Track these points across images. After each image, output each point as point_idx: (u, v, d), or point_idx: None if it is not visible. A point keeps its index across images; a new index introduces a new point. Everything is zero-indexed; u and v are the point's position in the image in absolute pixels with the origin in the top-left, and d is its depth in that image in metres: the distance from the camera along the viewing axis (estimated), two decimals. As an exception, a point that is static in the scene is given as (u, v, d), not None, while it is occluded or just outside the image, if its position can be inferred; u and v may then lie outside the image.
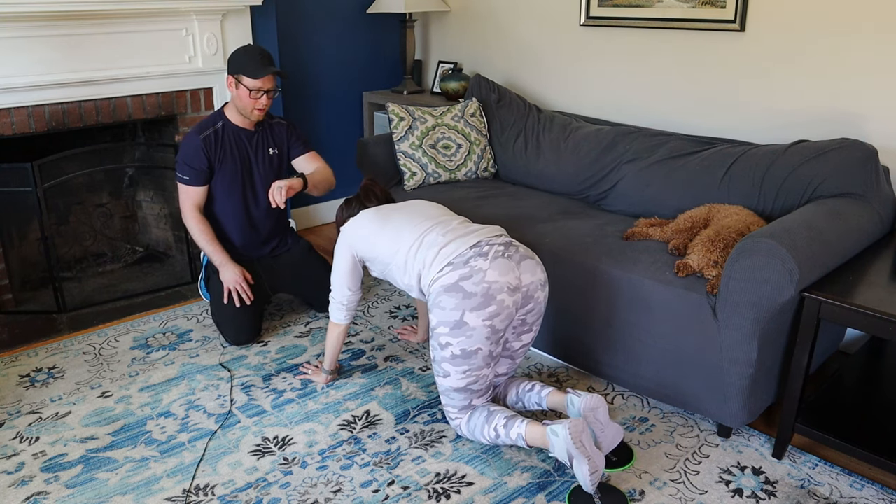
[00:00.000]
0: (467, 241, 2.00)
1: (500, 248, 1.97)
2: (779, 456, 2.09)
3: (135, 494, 1.94)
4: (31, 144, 2.98)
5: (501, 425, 1.97)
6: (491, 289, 1.89)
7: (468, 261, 1.94)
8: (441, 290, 1.94)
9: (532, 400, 2.12)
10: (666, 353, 2.17)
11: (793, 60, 2.63)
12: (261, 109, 2.62)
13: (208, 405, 2.35)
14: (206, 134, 2.64)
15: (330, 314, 2.34)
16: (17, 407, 2.33)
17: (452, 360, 1.96)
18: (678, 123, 3.05)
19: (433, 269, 1.98)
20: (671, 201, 2.65)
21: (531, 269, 1.99)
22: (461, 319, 1.90)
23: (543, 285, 2.02)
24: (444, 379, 2.02)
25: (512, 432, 1.95)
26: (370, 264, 2.24)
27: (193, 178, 2.65)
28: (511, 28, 3.65)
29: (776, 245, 1.87)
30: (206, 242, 2.68)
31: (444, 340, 1.95)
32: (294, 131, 2.83)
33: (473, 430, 2.05)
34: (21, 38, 2.63)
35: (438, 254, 2.00)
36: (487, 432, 2.01)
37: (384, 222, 2.17)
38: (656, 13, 3.00)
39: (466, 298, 1.89)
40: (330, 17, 3.85)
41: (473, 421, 2.04)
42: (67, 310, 2.98)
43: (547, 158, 3.10)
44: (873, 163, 2.28)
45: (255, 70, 2.53)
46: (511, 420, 1.97)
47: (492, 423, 1.99)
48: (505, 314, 1.92)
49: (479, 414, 2.03)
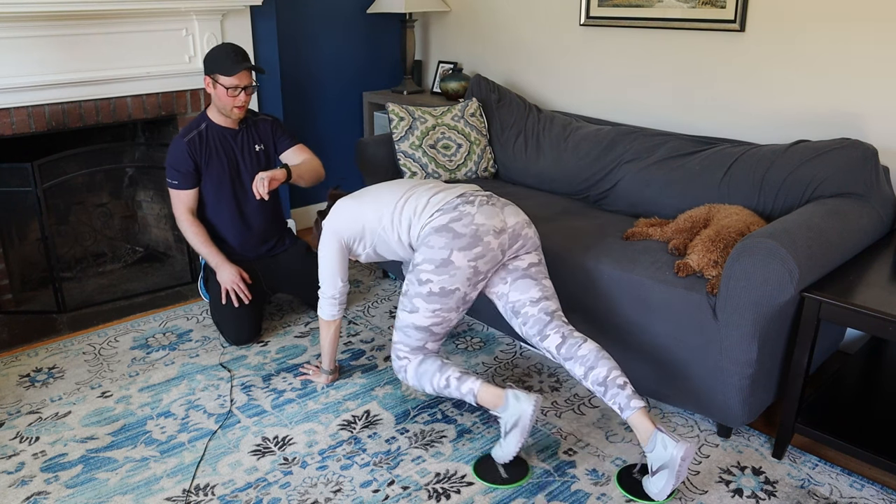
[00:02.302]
0: (454, 191, 2.12)
1: (484, 197, 2.10)
2: (779, 456, 2.09)
3: (135, 494, 1.94)
4: (31, 144, 2.98)
5: (455, 377, 2.01)
6: (479, 230, 1.99)
7: (456, 206, 2.05)
8: (431, 230, 2.03)
9: (618, 400, 1.91)
10: (666, 353, 2.17)
11: (793, 60, 2.63)
12: (240, 107, 2.62)
13: (208, 405, 2.35)
14: (191, 137, 2.65)
15: (320, 312, 2.34)
16: (17, 407, 2.33)
17: (428, 296, 2.01)
18: (678, 123, 3.05)
19: (424, 215, 2.08)
20: (671, 201, 2.65)
21: (514, 213, 2.11)
22: (448, 258, 1.98)
23: (529, 223, 2.14)
24: (409, 314, 2.05)
25: (464, 386, 1.99)
26: (358, 245, 2.26)
27: (182, 181, 2.66)
28: (511, 28, 3.65)
29: (776, 245, 1.87)
30: (201, 244, 2.69)
31: (426, 277, 2.01)
32: (278, 126, 2.83)
33: (421, 376, 2.06)
34: (21, 38, 2.64)
35: (428, 202, 2.10)
36: (437, 381, 2.03)
37: (362, 197, 2.26)
38: (656, 13, 3.00)
39: (456, 238, 1.99)
40: (330, 17, 3.85)
41: (425, 367, 2.06)
42: (67, 310, 2.98)
43: (547, 158, 3.10)
44: (873, 163, 2.28)
45: (229, 67, 2.53)
46: (465, 375, 2.01)
47: (445, 373, 2.03)
48: (489, 256, 2.01)
49: (433, 362, 2.06)
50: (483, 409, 2.10)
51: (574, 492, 1.96)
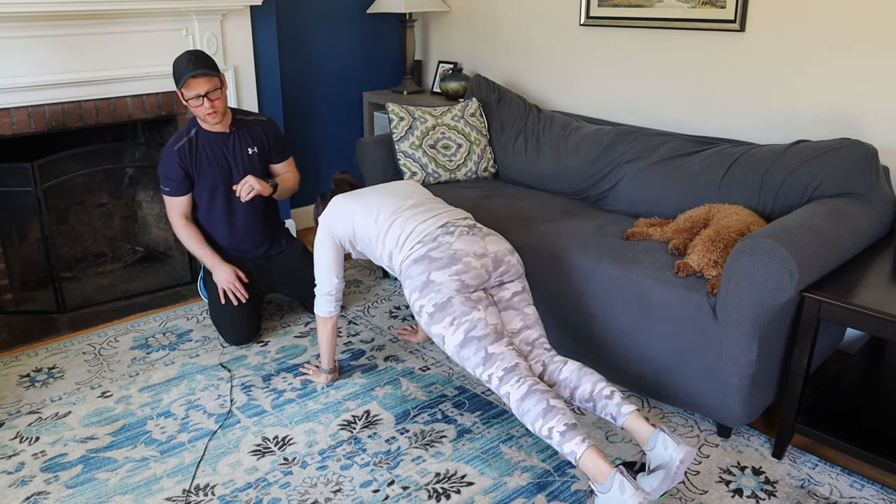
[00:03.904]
0: (437, 221, 2.12)
1: (465, 228, 2.10)
2: (779, 456, 2.09)
3: (135, 494, 1.94)
4: (31, 144, 2.98)
5: (559, 432, 1.79)
6: (456, 254, 2.00)
7: (436, 237, 2.06)
8: (411, 262, 2.05)
9: (608, 410, 1.90)
10: (666, 353, 2.17)
11: (793, 60, 2.63)
12: (212, 113, 2.55)
13: (208, 405, 2.35)
14: (181, 144, 2.63)
15: (317, 310, 2.34)
16: (17, 407, 2.33)
17: (432, 319, 1.98)
18: (678, 123, 3.05)
19: (405, 248, 2.08)
20: (671, 201, 2.65)
21: (496, 241, 2.11)
22: (427, 279, 1.98)
23: (512, 251, 2.12)
24: (447, 345, 1.99)
25: (566, 446, 1.78)
26: (349, 246, 2.28)
27: (174, 188, 2.66)
28: (511, 28, 3.65)
29: (776, 245, 1.87)
30: (195, 246, 2.70)
31: (419, 305, 2.00)
32: (273, 132, 2.82)
33: (523, 415, 1.87)
34: (21, 38, 2.64)
35: (411, 232, 2.10)
36: (540, 427, 1.83)
37: (360, 197, 2.27)
38: (656, 13, 3.00)
39: (432, 262, 2.00)
40: (330, 18, 3.85)
41: (528, 405, 1.85)
42: (67, 310, 2.98)
43: (547, 158, 3.10)
44: (873, 163, 2.28)
45: (180, 78, 2.47)
46: (571, 432, 1.79)
47: (548, 422, 1.81)
48: (473, 273, 2.00)
49: (538, 403, 1.84)
50: None
51: (574, 492, 1.96)
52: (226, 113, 2.65)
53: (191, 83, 2.47)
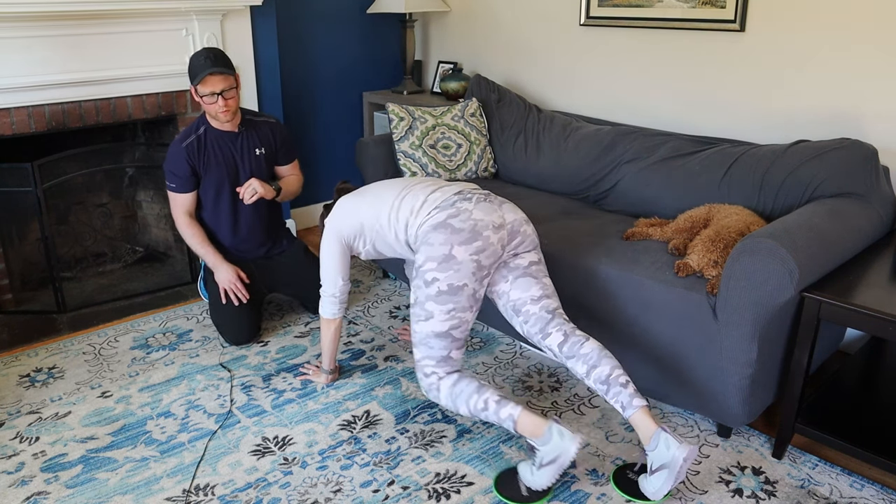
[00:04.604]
0: (451, 189, 2.12)
1: (482, 195, 2.10)
2: (779, 456, 2.09)
3: (135, 494, 1.94)
4: (31, 144, 2.98)
5: (494, 401, 1.91)
6: (477, 225, 1.98)
7: (454, 203, 2.04)
8: (430, 228, 2.02)
9: (620, 398, 1.92)
10: (666, 353, 2.17)
11: (793, 60, 2.63)
12: (225, 111, 2.56)
13: (208, 405, 2.35)
14: (189, 141, 2.63)
15: (321, 311, 2.34)
16: (17, 407, 2.33)
17: (438, 296, 1.96)
18: (678, 123, 3.05)
19: (421, 213, 2.07)
20: (671, 201, 2.65)
21: (512, 210, 2.12)
22: (450, 253, 1.96)
23: (527, 221, 2.14)
24: (425, 323, 1.98)
25: (503, 411, 1.89)
26: (358, 243, 2.27)
27: (179, 185, 2.66)
28: (511, 28, 3.65)
29: (776, 245, 1.87)
30: (198, 245, 2.70)
31: (431, 276, 1.97)
32: (282, 135, 2.82)
33: (456, 397, 1.95)
34: (21, 38, 2.64)
35: (426, 200, 2.09)
36: (474, 402, 1.92)
37: (363, 195, 2.27)
38: (656, 13, 3.00)
39: (455, 234, 1.97)
40: (330, 18, 3.85)
41: (461, 387, 1.95)
42: (67, 310, 2.98)
43: (547, 158, 3.10)
44: (873, 163, 2.28)
45: (197, 74, 2.48)
46: (505, 399, 1.92)
47: (483, 395, 1.92)
48: (490, 251, 2.00)
49: (469, 382, 1.95)
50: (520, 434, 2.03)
51: (574, 492, 1.96)
52: (237, 112, 2.67)
53: (207, 80, 2.48)
